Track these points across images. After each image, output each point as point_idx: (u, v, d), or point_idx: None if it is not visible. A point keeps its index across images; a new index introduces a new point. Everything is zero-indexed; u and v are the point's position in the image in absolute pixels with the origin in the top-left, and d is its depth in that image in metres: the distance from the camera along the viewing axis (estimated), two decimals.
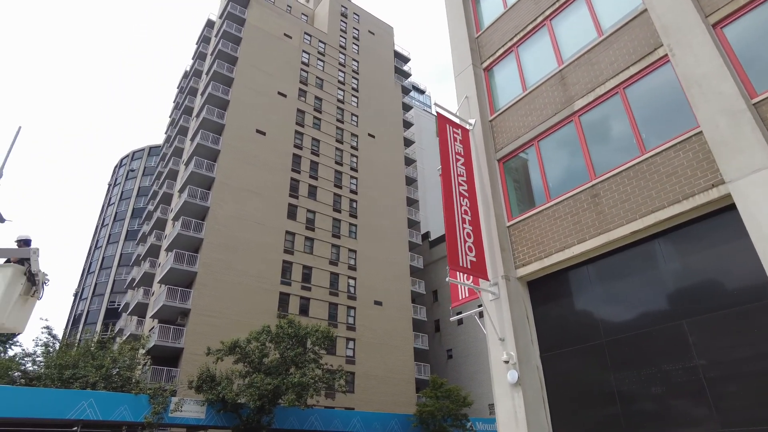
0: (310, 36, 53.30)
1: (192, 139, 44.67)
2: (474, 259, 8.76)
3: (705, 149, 7.18)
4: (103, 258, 69.24)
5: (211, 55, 49.63)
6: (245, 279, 36.61)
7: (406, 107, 60.53)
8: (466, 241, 8.82)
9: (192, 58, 61.24)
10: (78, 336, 49.18)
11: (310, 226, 42.62)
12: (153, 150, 76.96)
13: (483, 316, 9.37)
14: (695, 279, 7.28)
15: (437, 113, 10.05)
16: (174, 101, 67.44)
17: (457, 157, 9.84)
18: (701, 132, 7.31)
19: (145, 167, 75.71)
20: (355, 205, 46.89)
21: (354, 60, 56.18)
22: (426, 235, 57.16)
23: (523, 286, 9.17)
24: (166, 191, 46.61)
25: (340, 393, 34.94)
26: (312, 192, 44.41)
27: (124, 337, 40.09)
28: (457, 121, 10.51)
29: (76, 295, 71.61)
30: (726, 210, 6.94)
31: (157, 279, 39.03)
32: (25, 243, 9.43)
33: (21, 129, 11.11)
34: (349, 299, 42.17)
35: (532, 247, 9.03)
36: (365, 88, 55.13)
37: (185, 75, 63.61)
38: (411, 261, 48.79)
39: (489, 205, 9.61)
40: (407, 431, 33.43)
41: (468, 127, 10.70)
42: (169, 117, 66.95)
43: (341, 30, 57.05)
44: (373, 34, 60.36)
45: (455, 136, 10.11)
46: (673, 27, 7.82)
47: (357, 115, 52.48)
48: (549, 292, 8.97)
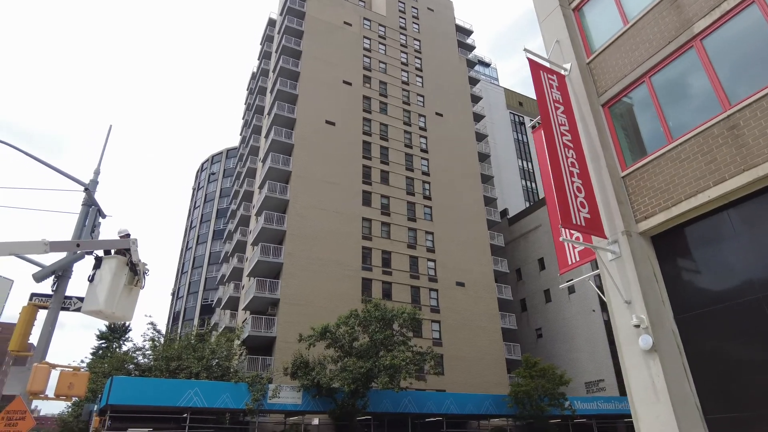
0: (370, 21, 52.78)
1: (266, 137, 45.89)
2: (588, 215, 7.80)
3: None
4: (194, 258, 73.69)
5: (276, 52, 50.62)
6: (328, 267, 37.15)
7: (473, 81, 58.56)
8: (576, 197, 7.86)
9: (258, 59, 62.92)
10: (178, 331, 52.62)
11: (385, 212, 42.44)
12: (230, 152, 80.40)
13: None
14: None
15: (528, 60, 9.09)
16: (245, 103, 69.88)
17: (556, 105, 8.85)
18: None
19: (224, 169, 79.34)
20: (428, 187, 46.11)
21: (415, 40, 55.01)
22: (504, 212, 55.27)
23: (647, 242, 8.07)
24: (247, 189, 48.36)
25: (430, 376, 34.74)
26: (384, 177, 44.15)
27: (220, 330, 42.27)
28: (550, 67, 9.48)
29: (173, 294, 76.94)
30: None
31: (246, 272, 40.65)
32: (125, 236, 9.69)
33: (112, 127, 11.46)
34: (430, 282, 41.64)
35: (655, 196, 7.90)
36: (429, 67, 53.87)
37: (253, 76, 65.62)
38: (491, 240, 47.33)
39: (598, 155, 8.55)
40: (502, 412, 32.50)
41: (563, 72, 9.64)
42: (242, 119, 69.53)
43: (400, 11, 55.99)
44: (432, 10, 58.72)
45: (551, 83, 9.10)
46: None
47: (423, 95, 51.44)
48: (679, 246, 7.82)
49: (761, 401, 6.51)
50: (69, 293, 9.64)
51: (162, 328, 32.24)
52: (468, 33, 62.84)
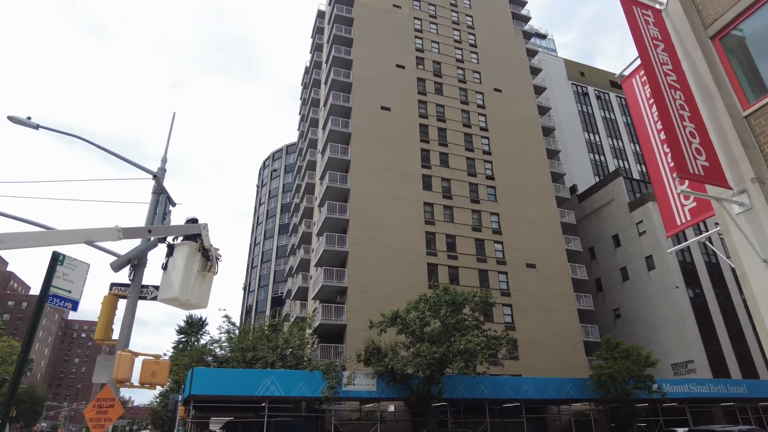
0: (419, 1, 51.47)
1: (323, 128, 46.02)
2: (706, 163, 6.65)
3: None
4: (262, 253, 75.98)
5: (327, 42, 50.54)
6: (393, 253, 36.76)
7: (531, 53, 55.90)
8: (690, 143, 6.73)
9: (310, 53, 63.31)
10: (252, 323, 54.31)
11: (446, 195, 41.40)
12: (290, 148, 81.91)
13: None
14: None
15: None
16: (301, 98, 70.72)
17: (655, 43, 7.67)
18: None
19: (285, 165, 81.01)
20: (490, 167, 44.52)
21: (467, 15, 53.10)
22: (573, 189, 52.57)
23: None
24: (309, 182, 48.86)
25: (505, 360, 33.61)
26: (444, 160, 43.05)
27: (291, 321, 43.09)
28: (644, 1, 8.27)
29: (245, 288, 79.85)
30: None
31: (313, 263, 41.10)
32: (194, 221, 9.53)
33: (175, 114, 11.37)
34: (498, 264, 40.27)
35: None
36: (483, 42, 51.89)
37: (306, 71, 66.16)
38: (561, 218, 45.09)
39: (712, 95, 7.33)
40: (584, 396, 30.90)
41: (659, 7, 8.40)
42: (299, 114, 70.44)
43: None
44: None
45: (646, 18, 7.92)
46: None
47: (479, 72, 49.64)
48: None
49: None
50: (146, 282, 9.61)
51: (236, 321, 33.13)
52: (522, 3, 60.00)
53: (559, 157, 51.18)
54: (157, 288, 9.27)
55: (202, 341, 38.82)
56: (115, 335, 8.84)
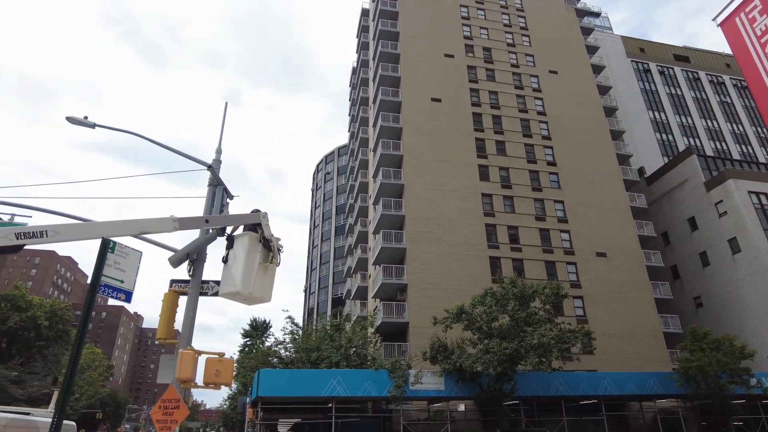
0: None
1: (374, 125, 45.57)
2: None
3: None
4: (320, 255, 76.75)
5: (373, 39, 50.09)
6: (452, 248, 35.64)
7: (586, 31, 53.01)
8: None
9: (356, 52, 63.22)
10: (314, 324, 54.72)
11: (505, 184, 39.75)
12: (342, 150, 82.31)
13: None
14: None
15: None
16: (350, 99, 70.84)
17: None
18: None
19: (338, 167, 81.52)
20: (550, 152, 42.40)
21: None
22: (641, 171, 49.29)
23: None
24: (362, 181, 48.58)
25: (579, 355, 31.63)
26: (500, 148, 41.41)
27: (353, 321, 42.86)
28: None
29: (305, 290, 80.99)
30: None
31: (371, 261, 40.66)
32: (254, 212, 9.02)
33: (227, 104, 10.99)
34: (566, 254, 38.17)
35: None
36: (535, 24, 49.69)
37: (354, 71, 66.15)
38: (631, 202, 42.28)
39: None
40: (670, 391, 28.50)
41: None
42: (349, 115, 70.57)
43: None
44: None
45: None
46: None
47: (532, 55, 47.55)
48: None
49: None
50: (207, 278, 9.21)
51: (299, 323, 33.17)
52: None
53: (623, 138, 48.13)
54: (218, 283, 8.84)
55: (267, 343, 39.23)
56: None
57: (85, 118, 9.81)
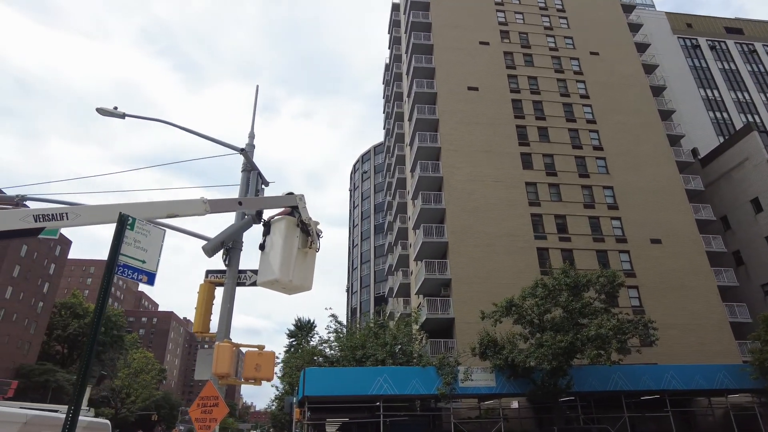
0: None
1: (409, 119, 44.77)
2: None
3: None
4: (361, 254, 76.49)
5: (405, 32, 49.29)
6: (497, 240, 34.38)
7: (627, 8, 50.46)
8: None
9: (388, 48, 62.57)
10: (358, 323, 54.36)
11: (550, 171, 38.10)
12: (378, 148, 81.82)
13: None
14: None
15: None
16: (383, 96, 70.29)
17: None
18: None
19: (374, 166, 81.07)
20: (596, 136, 40.42)
21: None
22: (694, 152, 46.40)
23: None
24: (399, 177, 47.86)
25: (637, 347, 29.76)
26: (543, 134, 39.77)
27: (396, 319, 42.15)
28: None
29: (348, 290, 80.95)
30: None
31: (412, 257, 39.85)
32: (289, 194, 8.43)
33: (258, 87, 10.46)
34: (618, 242, 36.20)
35: None
36: (572, 5, 47.69)
37: (386, 68, 65.52)
38: (685, 185, 39.76)
39: None
40: (744, 385, 26.31)
41: None
42: (383, 112, 70.02)
43: None
44: None
45: None
46: None
47: (571, 37, 45.57)
48: None
49: None
50: (245, 267, 8.67)
51: (342, 321, 32.71)
52: None
53: (673, 118, 45.43)
54: (255, 272, 8.29)
55: (312, 343, 39.01)
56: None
57: (115, 108, 9.50)
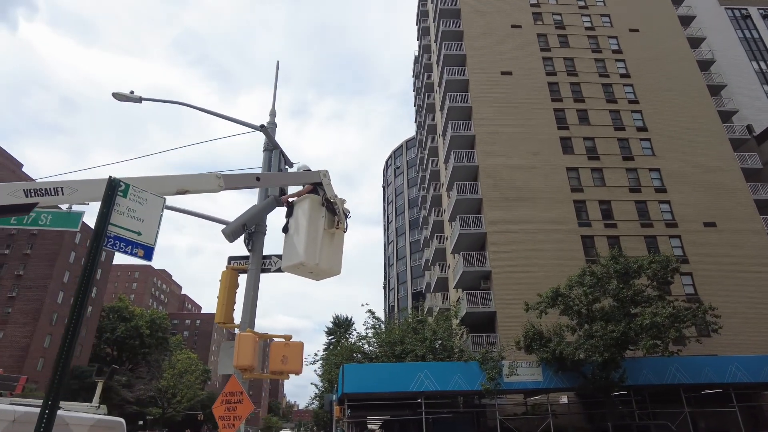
0: None
1: (441, 109, 43.70)
2: None
3: None
4: (396, 250, 75.76)
5: (434, 21, 48.22)
6: (538, 229, 32.95)
7: None
8: None
9: (417, 39, 61.57)
10: (396, 319, 53.69)
11: (592, 155, 36.30)
12: (410, 143, 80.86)
13: None
14: None
15: None
16: (414, 89, 69.29)
17: None
18: None
19: (407, 160, 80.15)
20: (639, 116, 38.30)
21: None
22: (749, 129, 43.40)
23: None
24: (433, 169, 46.85)
25: (693, 337, 27.85)
26: (582, 117, 37.95)
27: (434, 314, 41.19)
28: None
29: (384, 287, 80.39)
30: None
31: (449, 250, 38.82)
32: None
33: (279, 63, 9.82)
34: (668, 227, 34.12)
35: None
36: None
37: (416, 60, 64.53)
38: (741, 163, 37.16)
39: None
40: None
41: None
42: (414, 105, 69.02)
43: None
44: None
45: None
46: None
47: (608, 15, 43.42)
48: None
49: None
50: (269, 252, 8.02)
51: (380, 317, 32.08)
52: None
53: (723, 94, 42.62)
54: (281, 258, 7.62)
55: (351, 340, 38.58)
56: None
57: (131, 92, 9.04)
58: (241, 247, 8.03)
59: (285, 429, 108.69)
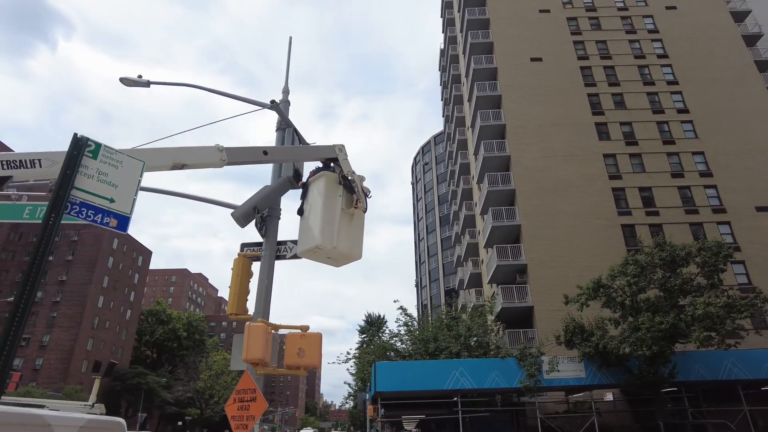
0: None
1: (469, 100, 42.58)
2: None
3: None
4: (427, 248, 74.71)
5: (459, 11, 47.13)
6: (575, 219, 31.53)
7: None
8: None
9: (442, 32, 60.49)
10: (429, 317, 52.74)
11: (630, 141, 34.56)
12: (437, 138, 79.66)
13: None
14: None
15: None
16: (440, 84, 68.18)
17: None
18: None
19: (435, 156, 78.98)
20: (680, 98, 36.27)
21: None
22: None
23: None
24: (462, 162, 45.77)
25: (754, 329, 26.02)
26: (618, 101, 36.21)
27: (469, 310, 40.09)
28: None
29: (417, 285, 79.45)
30: None
31: (482, 245, 37.72)
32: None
33: (292, 39, 9.20)
34: (715, 213, 32.12)
35: None
36: None
37: (442, 53, 63.43)
38: None
39: None
40: None
41: None
42: (441, 99, 67.91)
43: None
44: None
45: None
46: None
47: None
48: None
49: None
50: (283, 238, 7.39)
51: (412, 313, 31.28)
52: None
53: None
54: (295, 243, 6.99)
55: (384, 338, 37.95)
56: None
57: (139, 77, 8.60)
58: (252, 232, 7.44)
59: (303, 429, 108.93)
